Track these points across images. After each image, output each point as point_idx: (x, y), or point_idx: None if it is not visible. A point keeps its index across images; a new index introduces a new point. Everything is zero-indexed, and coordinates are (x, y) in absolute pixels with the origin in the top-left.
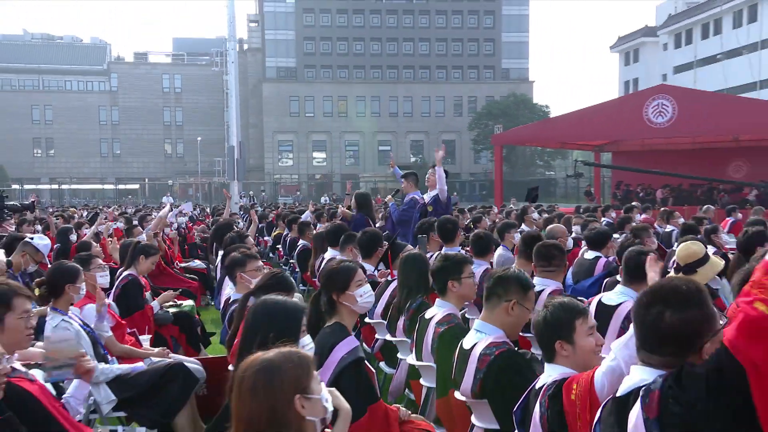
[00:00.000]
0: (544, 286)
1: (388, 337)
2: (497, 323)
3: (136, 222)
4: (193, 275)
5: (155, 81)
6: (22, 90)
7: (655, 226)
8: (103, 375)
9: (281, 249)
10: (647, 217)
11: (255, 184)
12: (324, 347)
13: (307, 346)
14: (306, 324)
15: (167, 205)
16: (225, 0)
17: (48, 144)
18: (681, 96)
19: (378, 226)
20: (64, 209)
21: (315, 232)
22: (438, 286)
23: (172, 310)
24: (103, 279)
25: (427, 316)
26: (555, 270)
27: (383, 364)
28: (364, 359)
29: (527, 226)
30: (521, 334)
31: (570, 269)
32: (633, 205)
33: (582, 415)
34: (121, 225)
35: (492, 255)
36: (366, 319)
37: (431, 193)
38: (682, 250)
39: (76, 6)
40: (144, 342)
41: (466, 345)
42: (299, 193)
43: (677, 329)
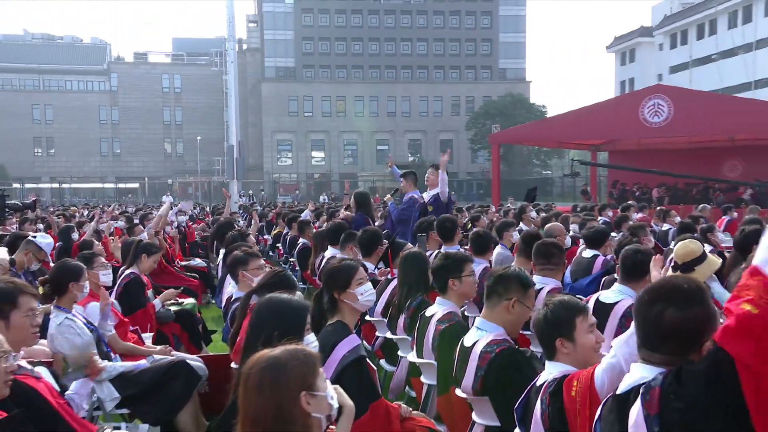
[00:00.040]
0: (543, 284)
1: (388, 335)
2: (498, 321)
3: (137, 221)
4: (194, 273)
5: (155, 81)
6: (22, 90)
7: (652, 224)
8: (107, 372)
9: (281, 247)
10: (644, 216)
11: (254, 183)
12: (326, 345)
13: (312, 344)
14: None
15: (167, 203)
16: (224, 0)
17: (48, 143)
18: (677, 96)
19: (377, 225)
20: (65, 208)
21: (315, 230)
22: (438, 284)
23: (173, 308)
24: (106, 277)
25: (428, 313)
26: (554, 268)
27: (384, 361)
28: (365, 357)
29: (525, 224)
30: (521, 331)
31: (568, 267)
32: (630, 204)
33: (582, 412)
34: (122, 224)
35: (491, 253)
36: (367, 317)
37: (431, 192)
38: (680, 248)
39: (76, 6)
40: (146, 340)
41: (467, 342)
42: (298, 192)
43: (679, 327)
